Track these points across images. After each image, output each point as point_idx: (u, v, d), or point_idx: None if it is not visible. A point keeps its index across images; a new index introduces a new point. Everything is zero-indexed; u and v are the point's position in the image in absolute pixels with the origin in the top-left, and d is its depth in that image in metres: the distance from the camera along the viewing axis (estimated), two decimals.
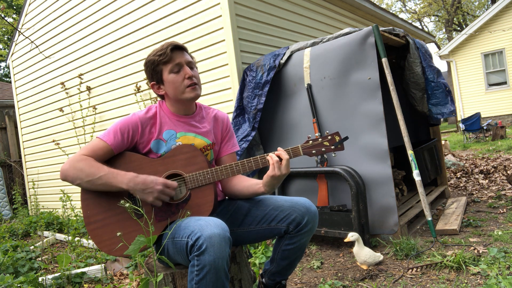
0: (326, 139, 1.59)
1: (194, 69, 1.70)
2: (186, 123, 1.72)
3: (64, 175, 1.57)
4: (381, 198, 2.87)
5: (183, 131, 1.70)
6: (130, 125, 1.62)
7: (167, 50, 1.61)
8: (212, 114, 1.83)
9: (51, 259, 3.55)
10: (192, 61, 1.70)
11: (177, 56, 1.64)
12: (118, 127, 1.61)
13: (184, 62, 1.65)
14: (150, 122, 1.66)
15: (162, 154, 1.65)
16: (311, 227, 1.64)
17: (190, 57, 1.70)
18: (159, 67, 1.65)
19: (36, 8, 5.85)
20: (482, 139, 10.26)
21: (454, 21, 22.82)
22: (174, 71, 1.64)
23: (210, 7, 3.73)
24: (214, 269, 1.30)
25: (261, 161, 1.59)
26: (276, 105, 3.44)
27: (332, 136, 1.59)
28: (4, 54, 18.63)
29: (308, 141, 1.60)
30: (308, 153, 1.59)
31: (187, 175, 1.60)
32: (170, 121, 1.69)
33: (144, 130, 1.64)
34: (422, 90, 3.45)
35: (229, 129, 1.87)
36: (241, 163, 1.60)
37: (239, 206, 1.76)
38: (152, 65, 1.65)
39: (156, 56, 1.63)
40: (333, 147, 1.58)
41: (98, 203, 1.60)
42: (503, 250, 2.38)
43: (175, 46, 1.64)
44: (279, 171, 1.53)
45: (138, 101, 4.47)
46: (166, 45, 1.63)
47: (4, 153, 7.41)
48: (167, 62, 1.63)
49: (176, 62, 1.63)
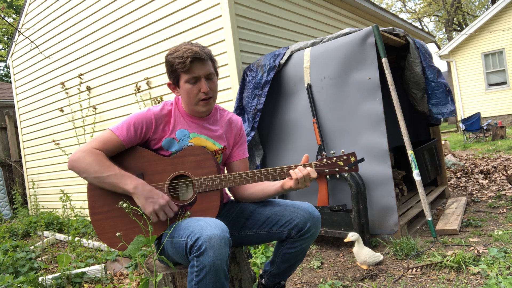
0: (341, 159, 1.55)
1: (213, 80, 1.63)
2: (199, 125, 1.69)
3: (72, 165, 1.55)
4: (381, 198, 2.87)
5: (196, 132, 1.68)
6: (144, 121, 1.59)
7: (187, 61, 1.53)
8: (227, 118, 1.80)
9: (51, 259, 3.55)
10: (213, 72, 1.62)
11: (196, 68, 1.56)
12: (132, 122, 1.58)
13: (203, 75, 1.58)
14: (165, 120, 1.64)
15: (173, 152, 1.64)
16: (313, 233, 1.63)
17: (211, 66, 1.62)
18: (177, 72, 1.59)
19: (36, 8, 5.85)
20: (482, 139, 10.26)
21: (454, 21, 22.81)
22: (191, 82, 1.58)
23: (210, 7, 3.72)
24: (214, 270, 1.30)
25: (271, 174, 1.57)
26: (276, 105, 3.44)
27: (347, 156, 1.55)
28: (4, 54, 18.63)
29: (322, 159, 1.57)
30: (321, 172, 1.56)
31: (196, 178, 1.59)
32: (184, 121, 1.67)
33: (158, 127, 1.62)
34: (422, 90, 3.44)
35: (242, 134, 1.84)
36: (251, 173, 1.57)
37: (242, 209, 1.75)
38: (171, 68, 1.60)
39: (176, 61, 1.56)
40: (347, 168, 1.55)
41: (105, 195, 1.59)
42: (503, 250, 2.38)
43: (195, 58, 1.55)
44: (303, 185, 1.54)
45: (138, 101, 4.47)
46: (187, 54, 1.54)
47: (4, 153, 7.41)
48: (185, 72, 1.57)
49: (195, 74, 1.57)
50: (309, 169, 1.53)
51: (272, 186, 1.64)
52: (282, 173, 1.57)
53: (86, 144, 1.57)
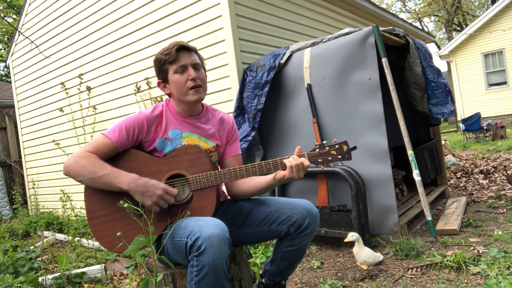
0: (334, 148, 1.55)
1: (200, 71, 1.67)
2: (191, 124, 1.71)
3: (67, 170, 1.56)
4: (381, 198, 2.87)
5: (188, 132, 1.69)
6: (136, 124, 1.61)
7: (173, 50, 1.60)
8: (218, 117, 1.82)
9: (51, 259, 3.55)
10: (199, 62, 1.68)
11: (183, 57, 1.62)
12: (123, 125, 1.59)
13: (189, 64, 1.63)
14: (156, 121, 1.65)
15: (166, 153, 1.64)
16: (312, 230, 1.63)
17: (197, 58, 1.68)
18: (165, 66, 1.64)
19: (36, 8, 5.85)
20: (482, 139, 10.26)
21: (454, 21, 22.81)
22: (178, 71, 1.62)
23: (210, 7, 3.73)
24: (214, 269, 1.30)
25: (266, 167, 1.57)
26: (276, 105, 3.44)
27: (340, 145, 1.55)
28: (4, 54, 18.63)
29: (314, 149, 1.57)
30: (315, 162, 1.56)
31: (191, 177, 1.59)
32: (176, 121, 1.68)
33: (149, 128, 1.63)
34: (422, 90, 3.44)
35: (234, 131, 1.86)
36: (245, 168, 1.58)
37: (240, 208, 1.76)
38: (159, 64, 1.65)
39: (162, 55, 1.63)
40: (340, 156, 1.55)
41: (102, 199, 1.59)
42: (503, 250, 2.38)
43: (181, 47, 1.62)
44: (297, 175, 1.53)
45: (138, 101, 4.47)
46: (172, 45, 1.62)
47: (4, 153, 7.41)
48: (172, 62, 1.62)
49: (181, 63, 1.62)
50: (302, 158, 1.53)
51: (265, 178, 1.66)
52: (276, 166, 1.57)
53: (79, 149, 1.59)
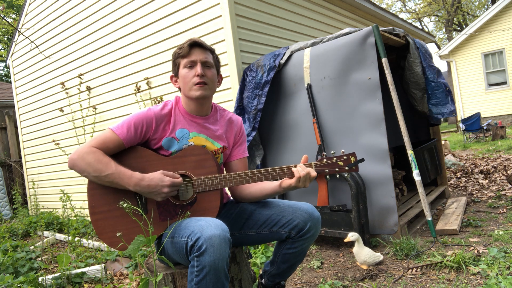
0: (341, 159, 1.56)
1: (210, 70, 1.67)
2: (199, 124, 1.70)
3: (72, 164, 1.55)
4: (381, 198, 2.87)
5: (196, 132, 1.68)
6: (145, 121, 1.60)
7: (186, 45, 1.64)
8: (227, 117, 1.81)
9: (51, 259, 3.55)
10: (211, 61, 1.68)
11: (194, 53, 1.64)
12: (132, 122, 1.59)
13: (199, 60, 1.64)
14: (165, 119, 1.65)
15: (173, 152, 1.64)
16: (313, 233, 1.63)
17: (211, 57, 1.68)
18: (178, 60, 1.67)
19: (36, 8, 5.85)
20: (482, 139, 10.26)
21: (454, 21, 22.81)
22: (187, 66, 1.64)
23: (210, 7, 3.72)
24: (214, 270, 1.30)
25: (272, 174, 1.57)
26: (276, 105, 3.44)
27: (347, 156, 1.56)
28: (4, 54, 18.63)
29: (322, 159, 1.57)
30: (321, 172, 1.57)
31: (196, 178, 1.59)
32: (184, 120, 1.68)
33: (158, 126, 1.63)
34: (422, 90, 3.45)
35: (242, 133, 1.84)
36: (251, 173, 1.58)
37: (242, 210, 1.75)
38: (173, 57, 1.69)
39: (177, 49, 1.67)
40: (347, 167, 1.55)
41: (105, 195, 1.59)
42: (503, 250, 2.38)
43: (195, 43, 1.65)
44: (303, 184, 1.54)
45: (138, 101, 4.47)
46: (187, 40, 1.67)
47: (4, 153, 7.41)
48: (184, 57, 1.65)
49: (192, 58, 1.64)
50: (309, 168, 1.53)
51: (270, 185, 1.65)
52: (282, 173, 1.57)
53: (86, 143, 1.57)
